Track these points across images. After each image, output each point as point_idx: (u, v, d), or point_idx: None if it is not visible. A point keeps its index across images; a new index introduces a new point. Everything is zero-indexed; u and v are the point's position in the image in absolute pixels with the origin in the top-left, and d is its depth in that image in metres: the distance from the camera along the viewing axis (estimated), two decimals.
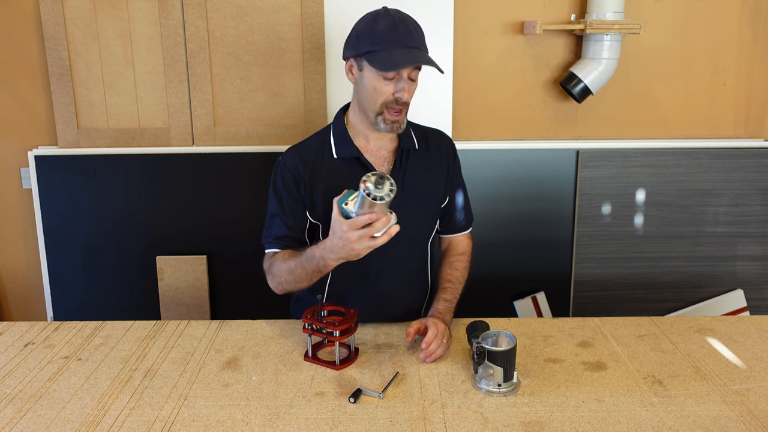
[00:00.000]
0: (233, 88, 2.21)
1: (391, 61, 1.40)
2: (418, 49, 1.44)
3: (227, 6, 2.14)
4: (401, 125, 1.49)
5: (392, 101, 1.45)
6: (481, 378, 1.30)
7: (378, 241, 1.26)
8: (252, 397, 1.28)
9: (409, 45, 1.42)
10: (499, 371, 1.27)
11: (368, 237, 1.25)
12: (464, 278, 1.64)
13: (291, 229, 1.55)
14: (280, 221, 1.55)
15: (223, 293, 2.35)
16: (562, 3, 2.25)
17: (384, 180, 1.23)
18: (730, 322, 1.59)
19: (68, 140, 2.24)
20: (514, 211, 2.34)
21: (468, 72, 2.30)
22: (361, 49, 1.43)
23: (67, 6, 2.14)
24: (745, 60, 2.34)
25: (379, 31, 1.42)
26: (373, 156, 1.56)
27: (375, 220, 1.24)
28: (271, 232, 1.56)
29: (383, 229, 1.25)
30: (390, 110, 1.46)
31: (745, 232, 2.38)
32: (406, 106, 1.48)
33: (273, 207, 1.56)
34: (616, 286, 2.41)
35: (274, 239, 1.55)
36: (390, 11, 1.46)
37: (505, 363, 1.27)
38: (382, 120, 1.47)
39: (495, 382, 1.28)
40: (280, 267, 1.49)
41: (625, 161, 2.32)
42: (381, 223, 1.24)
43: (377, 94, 1.44)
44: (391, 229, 1.26)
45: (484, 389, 1.29)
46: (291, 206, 1.55)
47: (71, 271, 2.31)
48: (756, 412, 1.21)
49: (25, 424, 1.20)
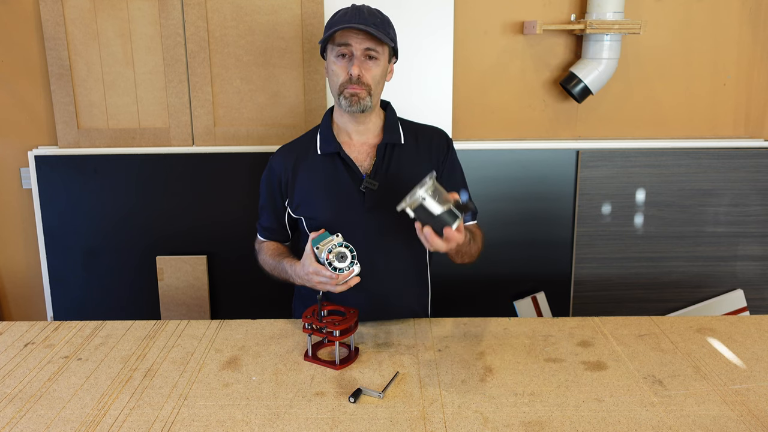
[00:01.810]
0: (233, 88, 2.21)
1: (332, 30, 1.49)
2: (366, 26, 1.48)
3: (227, 6, 2.14)
4: (360, 100, 1.52)
5: (347, 80, 1.51)
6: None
7: (338, 288, 1.40)
8: (252, 397, 1.28)
9: (354, 21, 1.49)
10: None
11: (331, 284, 1.39)
12: (478, 241, 1.61)
13: (273, 222, 1.71)
14: (266, 213, 1.72)
15: (223, 293, 2.35)
16: (562, 3, 2.25)
17: (344, 255, 1.39)
18: (730, 322, 1.59)
19: (68, 140, 2.24)
20: (514, 211, 2.34)
21: (468, 72, 2.30)
22: (323, 37, 1.53)
23: (67, 6, 2.14)
24: (745, 60, 2.34)
25: (335, 17, 1.53)
26: (356, 151, 1.61)
27: (336, 278, 1.38)
28: (259, 222, 1.75)
29: (344, 281, 1.40)
30: (347, 88, 1.52)
31: (745, 232, 2.38)
32: (365, 86, 1.52)
33: (261, 200, 1.73)
34: (616, 286, 2.41)
35: (261, 228, 1.74)
36: (354, 4, 1.56)
37: (428, 217, 1.28)
38: (343, 98, 1.53)
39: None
40: (265, 259, 1.68)
41: (625, 161, 2.32)
42: (342, 277, 1.39)
43: (335, 75, 1.53)
44: (350, 281, 1.41)
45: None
46: (271, 203, 1.69)
47: (71, 271, 2.31)
48: (756, 412, 1.21)
49: (25, 424, 1.20)
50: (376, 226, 1.57)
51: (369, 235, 1.56)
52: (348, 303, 1.49)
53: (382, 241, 1.59)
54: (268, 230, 1.72)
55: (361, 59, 1.50)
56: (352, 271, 1.39)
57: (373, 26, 1.49)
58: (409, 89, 2.09)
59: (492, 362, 1.40)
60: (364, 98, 1.52)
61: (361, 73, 1.50)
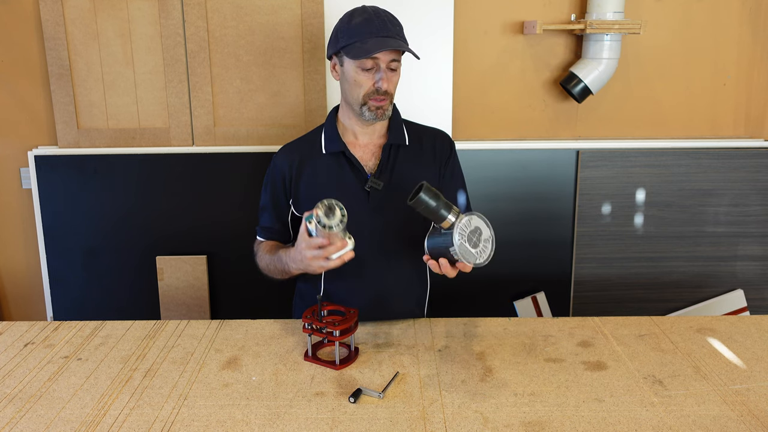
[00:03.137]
0: (233, 88, 2.21)
1: (364, 49, 1.45)
2: (391, 38, 1.47)
3: (227, 6, 2.14)
4: (385, 111, 1.53)
5: (373, 92, 1.50)
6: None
7: (331, 263, 1.34)
8: (252, 397, 1.28)
9: (383, 34, 1.47)
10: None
11: (323, 258, 1.34)
12: None
13: (274, 223, 1.68)
14: (267, 214, 1.68)
15: (223, 293, 2.35)
16: (562, 3, 2.25)
17: (334, 209, 1.31)
18: (731, 321, 1.59)
19: (68, 140, 2.24)
20: (514, 211, 2.34)
21: (468, 72, 2.30)
22: (339, 44, 1.50)
23: (67, 6, 2.14)
24: (745, 60, 2.34)
25: (355, 24, 1.49)
26: (361, 151, 1.61)
27: (327, 245, 1.33)
28: (260, 222, 1.71)
29: (337, 254, 1.34)
30: (372, 99, 1.51)
31: (745, 232, 2.38)
32: (389, 95, 1.52)
33: (262, 200, 1.70)
34: (616, 286, 2.41)
35: (261, 229, 1.70)
36: (366, 8, 1.52)
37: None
38: (367, 109, 1.53)
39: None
40: (262, 258, 1.64)
41: (625, 161, 2.32)
42: (334, 248, 1.33)
43: (358, 86, 1.51)
44: (344, 255, 1.34)
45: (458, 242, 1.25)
46: (274, 203, 1.66)
47: (71, 271, 2.31)
48: (756, 412, 1.21)
49: (25, 424, 1.20)
50: (380, 225, 1.57)
51: (373, 234, 1.56)
52: (348, 303, 1.49)
53: (386, 241, 1.59)
54: (269, 230, 1.69)
55: (386, 71, 1.50)
56: (346, 243, 1.33)
57: (398, 36, 1.48)
58: (409, 89, 2.09)
59: (492, 362, 1.40)
60: (387, 108, 1.53)
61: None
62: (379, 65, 1.48)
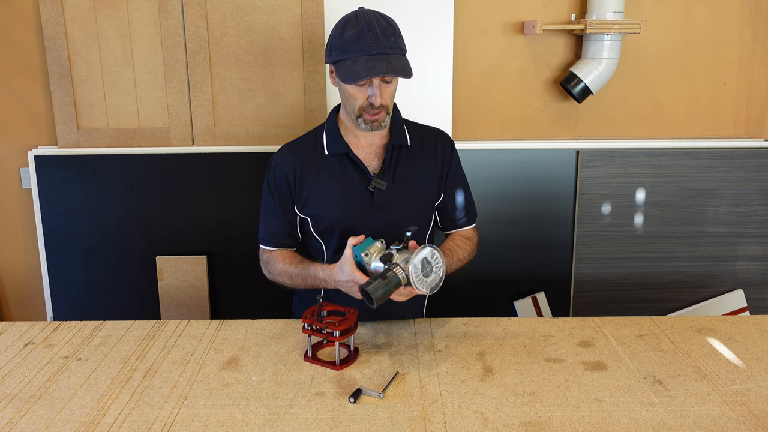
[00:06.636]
0: (233, 88, 2.21)
1: (352, 73, 1.43)
2: (383, 55, 1.43)
3: (227, 6, 2.14)
4: (381, 123, 1.52)
5: (367, 106, 1.49)
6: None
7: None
8: (252, 397, 1.28)
9: (374, 52, 1.43)
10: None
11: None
12: (465, 257, 1.65)
13: (283, 226, 1.63)
14: (272, 219, 1.63)
15: (223, 293, 2.35)
16: (562, 3, 2.25)
17: (430, 271, 1.32)
18: (731, 322, 1.59)
19: (68, 140, 2.24)
20: (514, 211, 2.34)
21: (468, 72, 2.30)
22: (332, 58, 1.49)
23: (67, 6, 2.14)
24: (745, 60, 2.34)
25: (346, 38, 1.45)
26: (364, 152, 1.60)
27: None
28: (265, 229, 1.65)
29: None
30: (367, 113, 1.50)
31: (745, 232, 2.38)
32: (385, 107, 1.50)
33: (266, 204, 1.65)
34: (617, 286, 2.41)
35: (268, 236, 1.64)
36: (360, 14, 1.47)
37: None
38: (363, 121, 1.52)
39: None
40: (279, 268, 1.59)
41: (625, 161, 2.32)
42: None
43: (353, 99, 1.50)
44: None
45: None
46: (281, 205, 1.62)
47: (71, 271, 2.31)
48: (756, 412, 1.21)
49: (25, 424, 1.20)
50: (383, 225, 1.57)
51: (376, 234, 1.55)
52: (348, 303, 1.49)
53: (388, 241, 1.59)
54: (277, 236, 1.63)
55: (380, 85, 1.47)
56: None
57: (391, 51, 1.44)
58: (408, 89, 2.09)
59: (492, 362, 1.40)
60: (383, 121, 1.52)
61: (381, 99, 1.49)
62: (372, 81, 1.46)
